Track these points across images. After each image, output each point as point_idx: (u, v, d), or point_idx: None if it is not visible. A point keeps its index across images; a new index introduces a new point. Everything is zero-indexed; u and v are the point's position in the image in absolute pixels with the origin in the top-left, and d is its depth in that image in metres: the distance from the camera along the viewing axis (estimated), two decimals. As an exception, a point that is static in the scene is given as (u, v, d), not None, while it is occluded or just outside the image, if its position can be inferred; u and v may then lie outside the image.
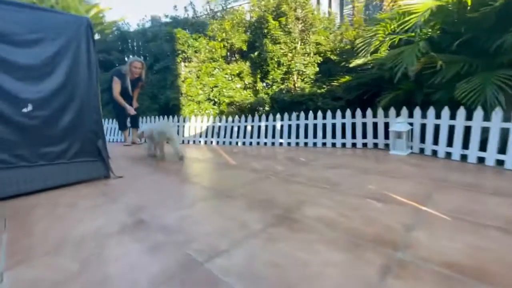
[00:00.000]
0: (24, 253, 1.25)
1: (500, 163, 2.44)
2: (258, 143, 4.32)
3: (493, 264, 1.03)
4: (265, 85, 4.95)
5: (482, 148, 2.55)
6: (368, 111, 3.50)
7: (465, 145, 2.66)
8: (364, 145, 3.59)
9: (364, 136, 3.57)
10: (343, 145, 3.70)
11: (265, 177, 2.35)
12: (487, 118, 2.51)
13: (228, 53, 5.25)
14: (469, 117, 2.62)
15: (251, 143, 4.37)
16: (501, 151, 2.43)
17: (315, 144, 3.88)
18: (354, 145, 3.64)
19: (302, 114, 3.98)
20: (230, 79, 5.00)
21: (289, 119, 4.11)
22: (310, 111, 3.93)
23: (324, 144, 3.82)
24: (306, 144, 3.94)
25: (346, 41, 4.52)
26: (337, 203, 1.69)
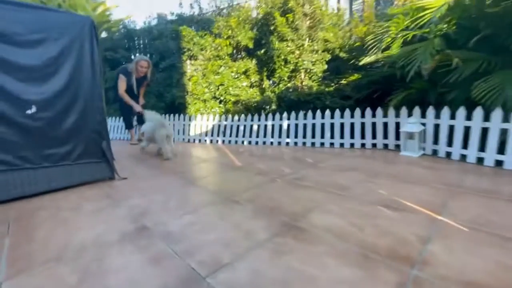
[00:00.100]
0: (25, 261, 1.23)
1: (519, 167, 2.31)
2: (265, 142, 4.25)
3: (519, 286, 0.95)
4: (271, 83, 4.86)
5: (500, 151, 2.42)
6: (378, 110, 3.39)
7: (481, 147, 2.54)
8: (374, 145, 3.48)
9: (374, 136, 3.46)
10: (352, 145, 3.60)
11: (271, 180, 2.29)
12: (506, 119, 2.38)
13: (234, 51, 5.16)
14: (486, 118, 2.49)
15: (257, 143, 4.31)
16: (521, 154, 2.30)
17: (322, 144, 3.79)
18: (363, 145, 3.53)
19: (309, 113, 3.89)
20: (236, 77, 4.93)
21: (296, 118, 4.02)
22: (318, 110, 3.83)
23: (332, 144, 3.73)
24: (314, 144, 3.85)
25: (355, 38, 4.38)
26: (347, 210, 1.62)
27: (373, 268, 1.07)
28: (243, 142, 4.42)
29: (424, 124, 2.97)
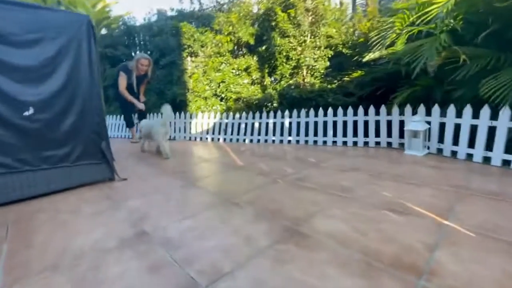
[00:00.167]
0: (22, 268, 1.21)
1: (527, 167, 2.26)
2: (266, 140, 4.20)
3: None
4: (273, 80, 4.80)
5: (508, 150, 2.36)
6: (382, 108, 3.32)
7: (489, 147, 2.48)
8: (377, 144, 3.42)
9: (377, 134, 3.41)
10: (355, 143, 3.54)
11: (272, 181, 2.25)
12: (514, 118, 2.31)
13: (235, 47, 5.09)
14: (493, 117, 2.43)
15: (258, 141, 4.26)
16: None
17: (325, 142, 3.74)
18: (366, 143, 3.48)
19: (311, 111, 3.83)
20: (237, 74, 4.87)
21: (298, 116, 3.96)
22: (320, 108, 3.77)
23: (334, 142, 3.67)
24: (316, 142, 3.80)
25: (359, 34, 4.29)
26: (350, 214, 1.58)
27: (377, 277, 1.04)
28: (244, 140, 4.38)
29: (429, 123, 2.91)
